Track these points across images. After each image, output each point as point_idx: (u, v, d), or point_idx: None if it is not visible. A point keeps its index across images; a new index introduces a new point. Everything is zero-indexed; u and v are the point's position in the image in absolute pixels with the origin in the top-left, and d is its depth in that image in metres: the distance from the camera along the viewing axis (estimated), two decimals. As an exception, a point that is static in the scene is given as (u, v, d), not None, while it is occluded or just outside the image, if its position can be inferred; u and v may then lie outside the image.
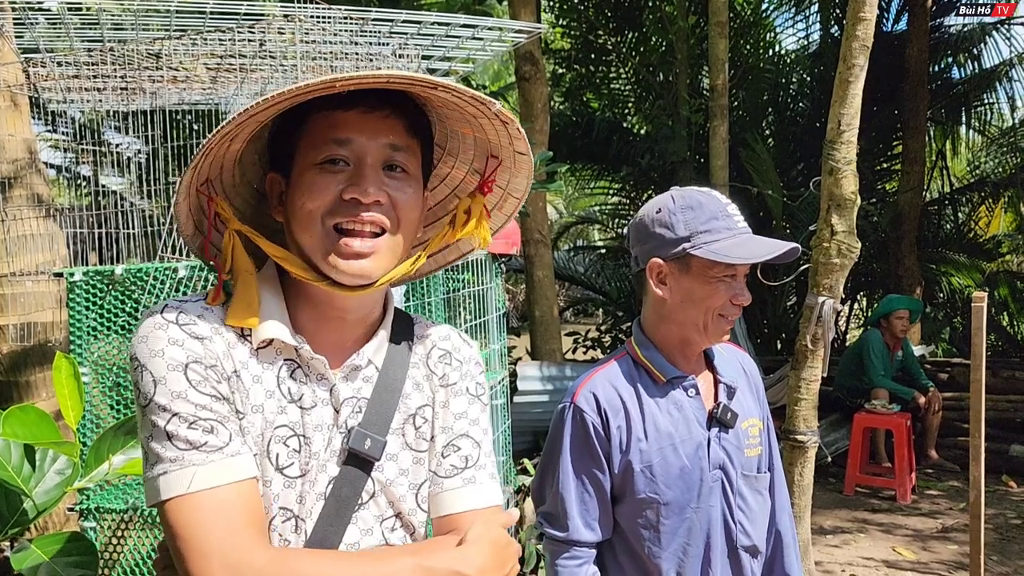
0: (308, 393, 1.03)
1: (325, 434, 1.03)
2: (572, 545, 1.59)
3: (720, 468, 1.59)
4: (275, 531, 1.00)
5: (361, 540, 1.04)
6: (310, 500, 1.02)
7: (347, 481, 1.03)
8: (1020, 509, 5.67)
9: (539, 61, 6.89)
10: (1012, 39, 10.41)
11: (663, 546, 1.57)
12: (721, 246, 1.50)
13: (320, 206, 1.00)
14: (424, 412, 1.12)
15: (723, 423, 1.60)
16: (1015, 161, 10.52)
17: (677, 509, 1.57)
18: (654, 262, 1.56)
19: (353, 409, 1.05)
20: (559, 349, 7.32)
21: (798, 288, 8.43)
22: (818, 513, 5.40)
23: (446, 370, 1.15)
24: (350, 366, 1.06)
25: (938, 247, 10.07)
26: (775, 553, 1.74)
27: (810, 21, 10.32)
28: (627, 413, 1.58)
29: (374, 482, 1.06)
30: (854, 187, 3.91)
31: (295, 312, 1.06)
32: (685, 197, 1.56)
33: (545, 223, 7.26)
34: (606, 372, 1.63)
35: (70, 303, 2.51)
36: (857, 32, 3.81)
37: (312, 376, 1.04)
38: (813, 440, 4.08)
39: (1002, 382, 6.99)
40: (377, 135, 1.02)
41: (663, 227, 1.55)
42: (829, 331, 4.00)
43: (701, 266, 1.52)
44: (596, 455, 1.57)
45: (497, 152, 1.13)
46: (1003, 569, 4.61)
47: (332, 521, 1.02)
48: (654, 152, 9.38)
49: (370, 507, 1.06)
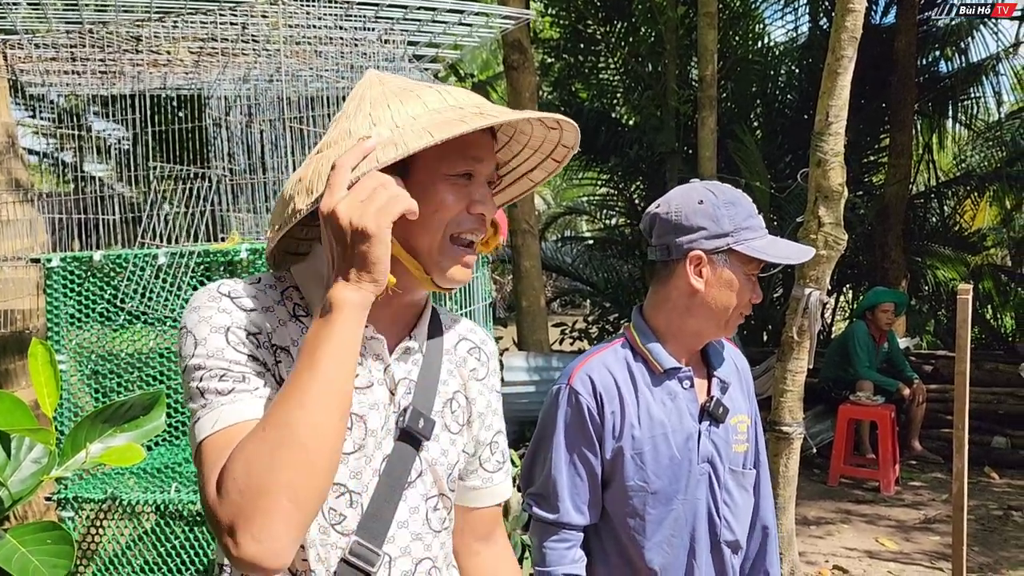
0: (363, 372, 1.06)
1: (382, 413, 1.07)
2: (561, 527, 1.59)
3: (708, 461, 1.60)
4: (327, 505, 1.03)
5: (409, 518, 1.09)
6: (366, 476, 1.05)
7: (399, 459, 1.07)
8: (1002, 500, 5.72)
9: (527, 50, 6.85)
10: (999, 34, 10.41)
11: (648, 535, 1.57)
12: (760, 244, 1.54)
13: (448, 216, 1.04)
14: (458, 397, 1.18)
15: (714, 417, 1.60)
16: (1000, 155, 10.57)
17: (664, 499, 1.57)
18: (696, 253, 1.56)
19: (406, 390, 1.10)
20: (546, 340, 7.31)
21: (785, 280, 8.45)
22: (802, 504, 5.43)
23: (475, 364, 1.23)
24: (403, 348, 1.10)
25: (924, 240, 10.12)
26: (759, 550, 1.74)
27: (799, 13, 10.32)
28: (622, 398, 1.58)
29: (421, 461, 1.10)
30: (841, 179, 3.92)
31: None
32: (725, 192, 1.58)
33: (532, 213, 7.24)
34: (603, 356, 1.62)
35: (47, 289, 2.47)
36: (846, 23, 3.80)
37: (368, 356, 1.07)
38: (798, 431, 4.09)
39: (985, 374, 7.03)
40: (492, 156, 1.09)
41: (708, 219, 1.55)
42: (815, 323, 4.01)
43: (739, 262, 1.55)
44: (589, 438, 1.57)
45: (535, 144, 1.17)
46: (984, 559, 4.64)
47: (386, 498, 1.06)
48: (642, 143, 9.37)
49: (417, 486, 1.10)
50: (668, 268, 1.60)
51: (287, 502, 0.85)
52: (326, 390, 0.88)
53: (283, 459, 0.85)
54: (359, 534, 1.04)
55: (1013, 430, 6.65)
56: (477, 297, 3.54)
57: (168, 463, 2.51)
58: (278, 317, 1.04)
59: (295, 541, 0.87)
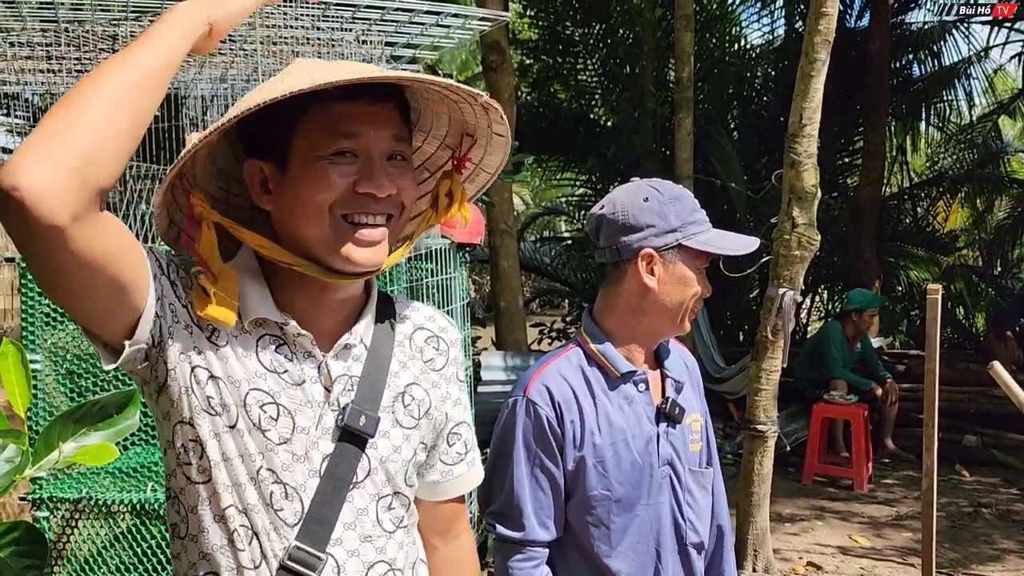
0: (294, 369, 1.05)
1: (315, 411, 1.04)
2: (526, 545, 1.51)
3: (669, 464, 1.57)
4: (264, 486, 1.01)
5: (357, 520, 1.06)
6: (300, 473, 1.03)
7: (343, 459, 1.05)
8: (972, 497, 5.82)
9: (506, 51, 6.87)
10: (971, 37, 10.58)
11: (613, 544, 1.53)
12: (708, 237, 1.52)
13: (330, 198, 1.01)
14: (412, 391, 1.14)
15: (671, 418, 1.57)
16: (972, 157, 10.73)
17: (628, 506, 1.53)
18: (647, 251, 1.52)
19: (345, 387, 1.07)
20: (524, 339, 7.33)
21: (761, 280, 8.52)
22: (777, 502, 5.48)
23: (433, 354, 1.19)
24: (341, 345, 1.07)
25: (897, 241, 10.24)
26: (715, 549, 1.73)
27: (775, 16, 10.41)
28: (580, 407, 1.53)
29: (370, 459, 1.07)
30: (815, 180, 3.98)
31: (279, 295, 1.07)
32: (668, 188, 1.56)
33: (511, 213, 7.26)
34: (557, 365, 1.58)
35: (23, 289, 2.45)
36: (819, 27, 3.86)
37: (299, 353, 1.05)
38: (773, 430, 4.14)
39: (957, 374, 7.14)
40: (383, 127, 1.03)
41: (656, 216, 1.52)
42: (789, 322, 4.06)
43: (689, 257, 1.53)
44: (551, 450, 1.52)
45: (472, 131, 1.14)
46: (954, 555, 4.72)
47: (329, 500, 1.03)
48: (620, 144, 9.41)
49: (366, 485, 1.07)
50: (619, 269, 1.56)
51: (59, 139, 0.82)
52: (119, 60, 0.89)
53: (64, 107, 0.85)
54: (299, 538, 1.02)
55: (983, 428, 6.76)
56: (455, 297, 3.55)
57: (144, 463, 2.50)
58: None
59: (63, 181, 0.81)
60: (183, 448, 1.03)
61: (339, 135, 1.01)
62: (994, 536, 5.06)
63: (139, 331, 0.97)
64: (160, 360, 1.01)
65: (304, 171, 1.02)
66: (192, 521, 1.05)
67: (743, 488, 4.11)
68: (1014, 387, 3.21)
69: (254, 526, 1.02)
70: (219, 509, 1.03)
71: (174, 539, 1.09)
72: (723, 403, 7.27)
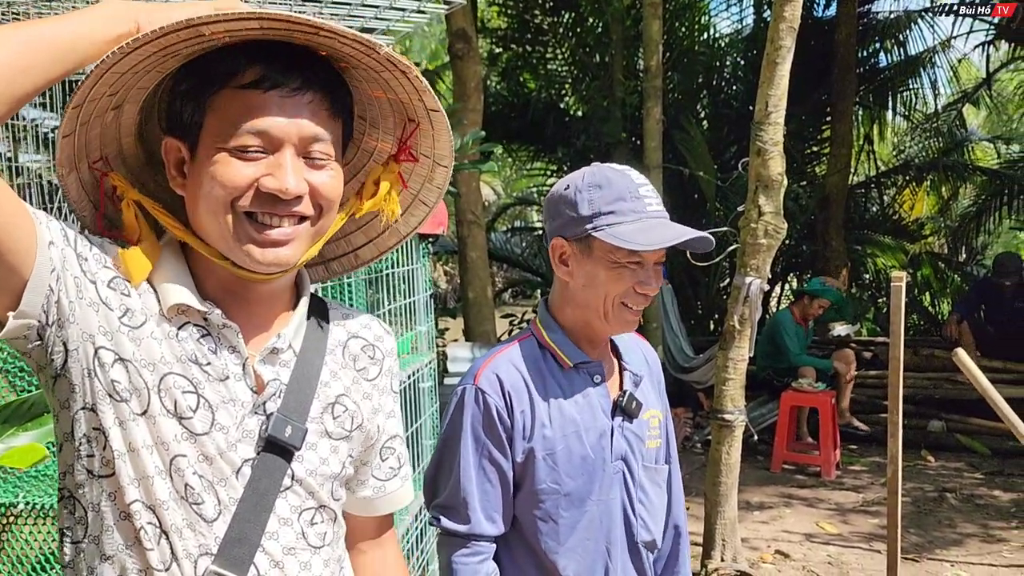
0: (218, 363, 0.98)
1: (238, 411, 0.98)
2: (472, 539, 1.46)
3: (622, 459, 1.52)
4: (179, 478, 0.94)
5: (280, 530, 1.00)
6: (220, 468, 0.96)
7: (266, 472, 0.98)
8: (937, 483, 5.88)
9: (472, 39, 6.80)
10: (935, 27, 10.65)
11: (561, 540, 1.48)
12: (623, 230, 1.39)
13: (230, 194, 0.94)
14: (343, 401, 1.07)
15: (627, 412, 1.52)
16: (938, 146, 10.87)
17: (577, 500, 1.48)
18: (557, 241, 1.48)
19: (275, 393, 1.01)
20: (493, 331, 7.29)
21: (731, 269, 8.56)
22: (746, 490, 5.51)
23: (367, 363, 1.12)
24: (269, 348, 1.01)
25: (864, 229, 10.34)
26: (672, 550, 1.69)
27: (743, 5, 10.43)
28: (531, 397, 1.47)
29: (294, 472, 1.01)
30: (781, 168, 3.96)
31: (202, 285, 1.01)
32: (595, 174, 1.46)
33: (479, 204, 7.20)
34: (509, 353, 1.52)
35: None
36: (784, 14, 3.84)
37: (223, 345, 0.99)
38: (740, 419, 4.14)
39: (922, 360, 7.22)
40: (299, 122, 0.95)
41: (568, 205, 1.45)
42: (756, 311, 4.05)
43: (603, 250, 1.42)
44: (499, 441, 1.46)
45: (413, 115, 1.07)
46: (918, 540, 4.76)
47: (250, 517, 0.97)
48: (590, 133, 9.39)
49: (288, 497, 1.01)
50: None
51: None
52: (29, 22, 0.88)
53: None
54: (218, 561, 0.95)
55: (949, 414, 6.83)
56: (418, 288, 3.49)
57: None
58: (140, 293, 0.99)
59: None
60: (84, 439, 0.95)
61: (245, 129, 0.93)
62: (957, 521, 5.11)
63: (24, 302, 0.90)
64: (58, 340, 0.94)
65: (208, 162, 0.95)
66: (93, 521, 0.97)
67: (711, 478, 4.10)
68: (977, 373, 3.23)
69: (163, 523, 0.95)
70: (124, 506, 0.95)
71: (66, 545, 1.00)
72: (693, 393, 7.29)
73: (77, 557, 0.99)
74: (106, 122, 0.97)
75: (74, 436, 0.96)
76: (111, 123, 0.98)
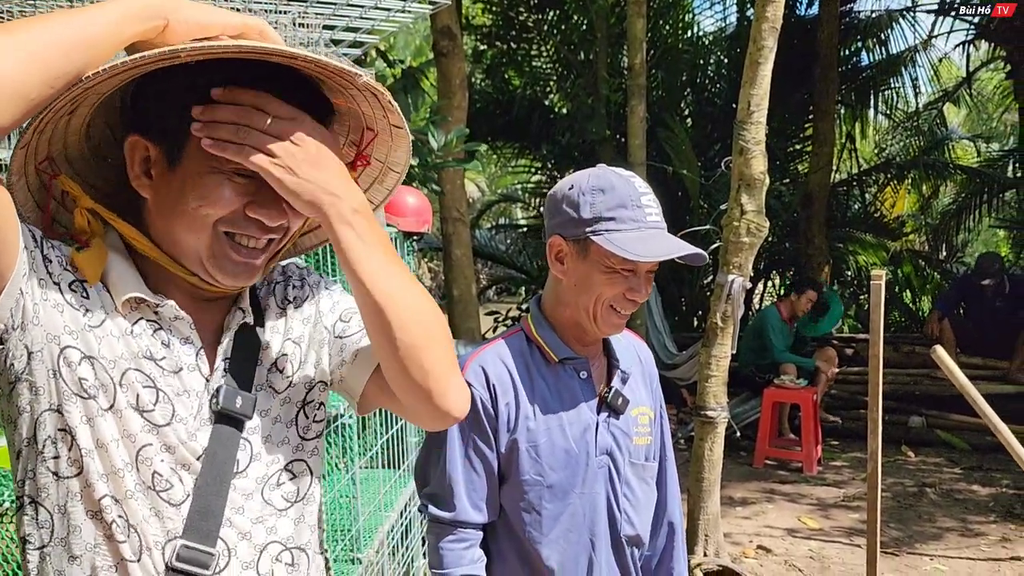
0: (171, 356, 0.99)
1: (194, 401, 1.00)
2: (458, 526, 1.52)
3: (607, 454, 1.55)
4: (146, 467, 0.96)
5: (245, 504, 1.01)
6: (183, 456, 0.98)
7: (220, 444, 1.00)
8: (917, 478, 5.95)
9: (456, 36, 6.79)
10: (916, 26, 10.75)
11: (544, 531, 1.52)
12: (622, 237, 1.42)
13: (217, 215, 0.96)
14: (285, 347, 1.09)
15: (613, 408, 1.55)
16: (919, 144, 10.96)
17: (561, 493, 1.52)
18: (555, 239, 1.51)
19: (222, 369, 1.03)
20: (477, 328, 7.30)
21: (714, 267, 8.60)
22: (729, 486, 5.56)
23: (295, 294, 1.13)
24: (218, 339, 1.04)
25: (846, 227, 10.41)
26: (665, 546, 1.71)
27: (727, 3, 10.48)
28: (516, 390, 1.52)
29: (251, 444, 1.03)
30: (763, 167, 3.99)
31: (150, 281, 1.01)
32: (600, 177, 1.49)
33: (463, 201, 7.20)
34: (496, 348, 1.56)
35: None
36: (767, 14, 3.87)
37: (176, 338, 1.00)
38: (723, 416, 4.17)
39: (903, 356, 7.30)
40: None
41: (570, 206, 1.48)
42: (738, 308, 4.09)
43: (599, 254, 1.45)
44: (484, 432, 1.51)
45: (372, 125, 1.07)
46: (898, 534, 4.83)
47: (212, 490, 0.98)
48: (574, 130, 9.40)
49: (249, 471, 1.02)
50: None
51: None
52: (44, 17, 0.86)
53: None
54: (186, 536, 0.97)
55: (929, 410, 6.91)
56: (403, 286, 3.48)
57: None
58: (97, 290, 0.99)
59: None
60: (49, 440, 0.95)
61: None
62: (937, 515, 5.18)
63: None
64: (20, 345, 0.93)
65: (197, 178, 0.95)
66: (59, 523, 0.96)
67: (694, 474, 4.14)
68: (955, 370, 3.26)
69: (131, 515, 0.96)
70: (93, 503, 0.95)
71: (29, 553, 0.98)
72: (676, 389, 7.34)
73: (43, 563, 0.97)
74: (59, 126, 0.96)
75: (37, 440, 0.95)
76: (62, 125, 0.97)
